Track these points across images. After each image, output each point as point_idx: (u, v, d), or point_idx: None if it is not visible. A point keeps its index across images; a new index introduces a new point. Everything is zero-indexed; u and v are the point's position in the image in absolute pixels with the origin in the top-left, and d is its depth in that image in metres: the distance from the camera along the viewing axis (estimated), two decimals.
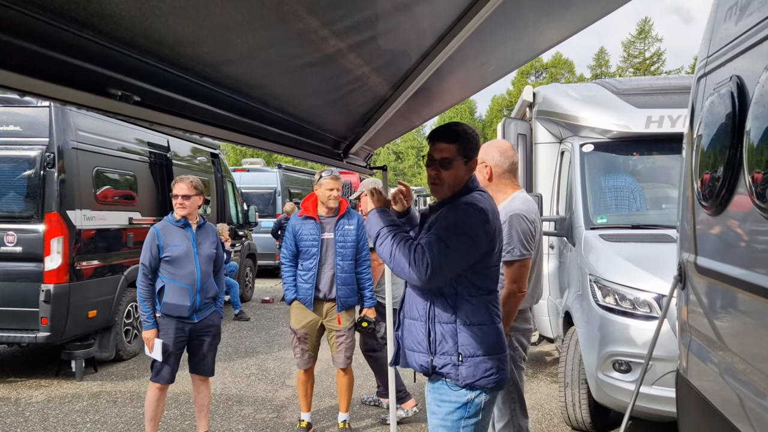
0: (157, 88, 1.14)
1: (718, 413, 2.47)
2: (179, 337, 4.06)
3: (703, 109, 2.76)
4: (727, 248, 2.47)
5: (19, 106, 5.90)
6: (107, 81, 1.01)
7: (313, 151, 2.13)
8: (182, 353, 4.15)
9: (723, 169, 2.41)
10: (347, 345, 4.45)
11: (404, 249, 2.23)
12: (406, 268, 2.23)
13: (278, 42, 1.23)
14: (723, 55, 2.57)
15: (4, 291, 5.74)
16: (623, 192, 5.27)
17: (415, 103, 2.36)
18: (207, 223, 4.28)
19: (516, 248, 2.95)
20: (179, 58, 1.12)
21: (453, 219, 2.27)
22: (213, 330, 4.22)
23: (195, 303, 4.06)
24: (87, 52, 0.96)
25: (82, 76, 0.96)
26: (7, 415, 5.08)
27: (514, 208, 3.03)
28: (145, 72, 1.10)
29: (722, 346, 2.47)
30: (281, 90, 1.56)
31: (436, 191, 2.35)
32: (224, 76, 1.30)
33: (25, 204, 5.79)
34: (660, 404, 3.83)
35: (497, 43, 2.11)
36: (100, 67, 0.99)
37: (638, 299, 4.08)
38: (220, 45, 1.14)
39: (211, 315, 4.20)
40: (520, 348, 3.17)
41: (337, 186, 4.34)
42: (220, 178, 10.02)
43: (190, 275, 4.03)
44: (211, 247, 4.19)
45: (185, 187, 4.02)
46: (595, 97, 5.62)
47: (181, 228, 4.09)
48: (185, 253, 4.04)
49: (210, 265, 4.16)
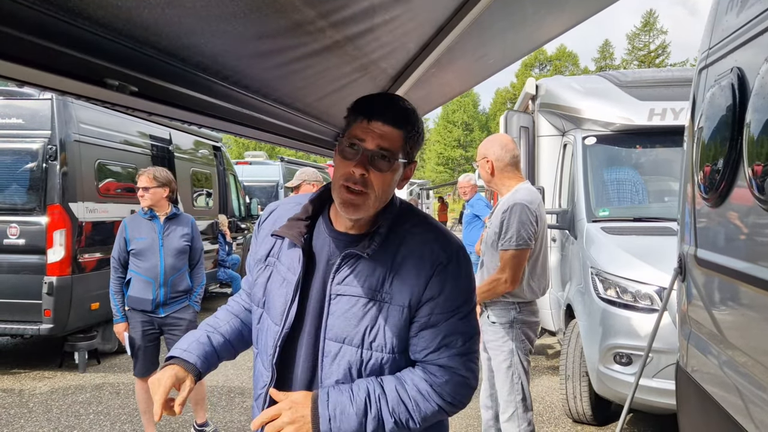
0: (154, 78, 1.14)
1: (717, 406, 2.47)
2: (148, 331, 4.02)
3: (704, 102, 2.75)
4: (727, 240, 2.47)
5: (21, 99, 5.91)
6: (105, 72, 1.02)
7: (313, 143, 2.14)
8: (157, 346, 4.12)
9: (723, 161, 2.41)
10: None
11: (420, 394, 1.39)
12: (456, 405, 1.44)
13: (275, 33, 1.23)
14: (724, 47, 2.56)
15: (8, 283, 5.77)
16: (625, 185, 5.26)
17: (414, 96, 2.35)
18: (182, 215, 4.19)
19: (513, 237, 2.97)
20: (176, 49, 1.12)
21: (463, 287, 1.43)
22: (183, 325, 4.09)
23: (158, 297, 3.99)
24: (84, 43, 0.96)
25: (80, 67, 0.97)
26: (11, 406, 5.12)
27: (516, 199, 3.04)
28: (142, 63, 1.10)
29: (722, 338, 2.47)
30: (280, 81, 1.56)
31: (354, 207, 1.35)
32: (222, 67, 1.30)
33: (28, 196, 5.81)
34: (661, 397, 3.83)
35: (496, 34, 2.10)
36: (98, 58, 1.00)
37: (639, 292, 4.08)
38: (217, 36, 1.14)
39: (181, 310, 4.10)
40: (527, 340, 3.18)
41: None
42: (222, 171, 10.03)
43: (153, 268, 3.98)
44: (182, 239, 4.09)
45: (145, 179, 3.98)
46: (598, 90, 5.60)
47: (148, 220, 4.05)
48: (149, 246, 4.00)
49: (179, 258, 4.07)
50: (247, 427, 4.71)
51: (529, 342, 3.19)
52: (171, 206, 4.13)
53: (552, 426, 4.80)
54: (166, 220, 4.09)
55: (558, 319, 5.77)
